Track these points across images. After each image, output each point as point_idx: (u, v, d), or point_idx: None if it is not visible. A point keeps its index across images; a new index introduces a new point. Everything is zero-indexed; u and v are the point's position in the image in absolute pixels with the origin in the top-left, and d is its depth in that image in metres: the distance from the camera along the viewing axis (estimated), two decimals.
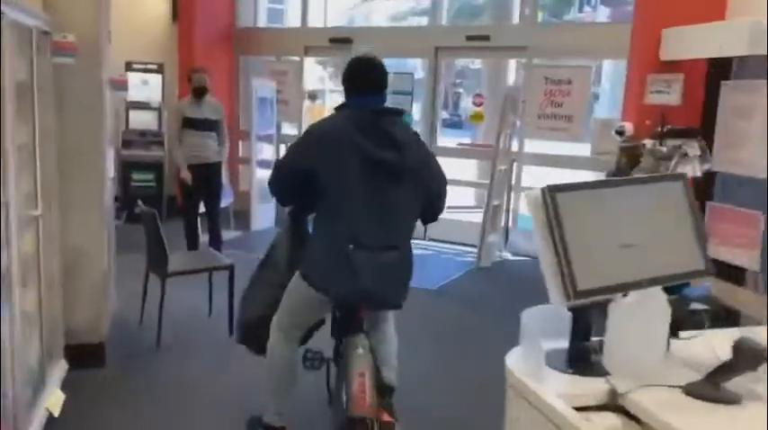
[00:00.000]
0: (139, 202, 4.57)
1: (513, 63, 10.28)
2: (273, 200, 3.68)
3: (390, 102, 2.90)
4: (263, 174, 8.39)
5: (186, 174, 6.18)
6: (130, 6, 8.59)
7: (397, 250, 2.76)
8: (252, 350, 3.20)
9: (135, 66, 8.35)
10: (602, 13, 16.23)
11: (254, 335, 3.13)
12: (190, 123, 6.16)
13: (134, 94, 8.24)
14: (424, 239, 7.96)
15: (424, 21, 8.44)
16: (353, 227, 2.67)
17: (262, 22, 9.48)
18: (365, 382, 2.57)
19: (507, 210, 7.30)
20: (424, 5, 8.17)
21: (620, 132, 6.17)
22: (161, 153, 8.38)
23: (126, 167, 8.13)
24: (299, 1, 8.97)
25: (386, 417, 2.61)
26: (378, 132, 2.70)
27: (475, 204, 11.13)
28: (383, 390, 2.65)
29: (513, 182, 7.32)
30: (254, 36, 9.06)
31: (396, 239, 2.77)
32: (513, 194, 7.32)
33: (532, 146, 7.51)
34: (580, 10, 17.35)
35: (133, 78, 8.29)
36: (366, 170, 2.66)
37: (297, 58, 8.75)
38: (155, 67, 8.52)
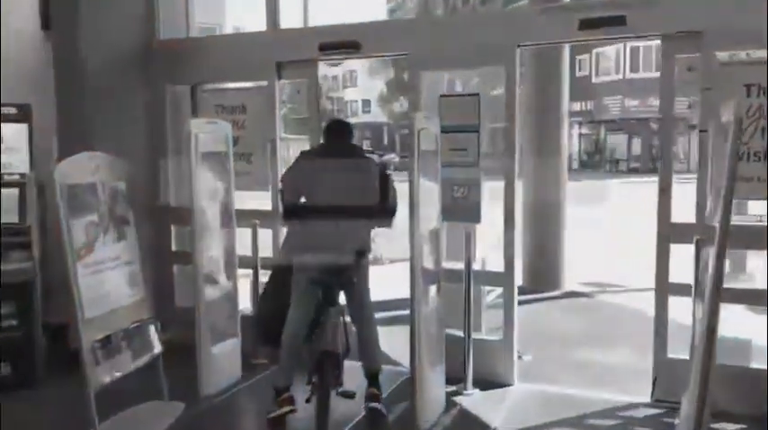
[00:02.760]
0: None
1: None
2: (237, 338, 4.80)
3: (448, 143, 4.33)
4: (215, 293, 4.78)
5: None
6: None
7: None
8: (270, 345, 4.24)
9: None
10: None
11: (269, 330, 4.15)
12: None
13: None
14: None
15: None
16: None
17: (198, 30, 5.86)
18: (337, 331, 3.87)
19: None
20: None
21: None
22: (28, 264, 4.66)
23: None
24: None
25: (373, 404, 4.07)
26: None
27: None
28: (370, 374, 4.14)
29: None
30: (189, 51, 5.44)
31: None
32: None
33: None
34: None
35: None
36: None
37: (264, 82, 5.19)
38: (13, 111, 4.83)
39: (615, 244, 10.56)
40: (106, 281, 3.89)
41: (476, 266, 4.69)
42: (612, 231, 11.86)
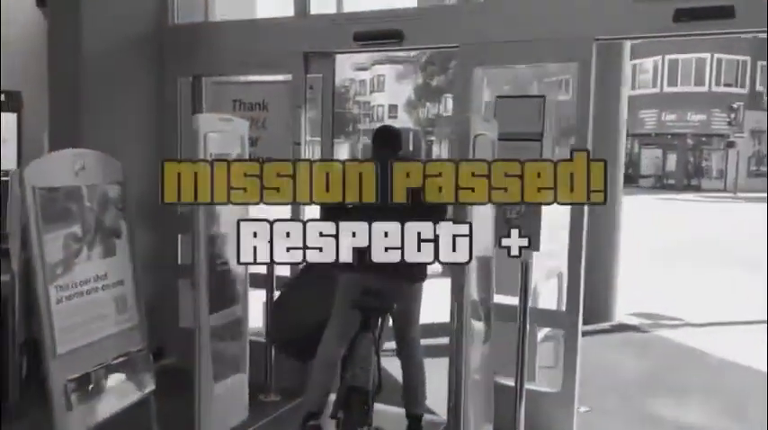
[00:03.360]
0: None
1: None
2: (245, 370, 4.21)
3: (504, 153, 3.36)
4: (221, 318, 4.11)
5: None
6: None
7: None
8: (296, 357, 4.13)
9: None
10: None
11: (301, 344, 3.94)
12: None
13: None
14: None
15: None
16: None
17: (216, 14, 5.18)
18: (368, 365, 3.43)
19: None
20: None
21: None
22: (4, 277, 3.99)
23: None
24: None
25: None
26: None
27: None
28: (411, 417, 3.76)
29: None
30: (203, 39, 4.78)
31: None
32: None
33: None
34: None
35: None
36: None
37: (289, 77, 4.50)
38: (1, 98, 4.22)
39: (660, 268, 9.74)
40: (88, 306, 3.22)
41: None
42: (655, 253, 11.02)
